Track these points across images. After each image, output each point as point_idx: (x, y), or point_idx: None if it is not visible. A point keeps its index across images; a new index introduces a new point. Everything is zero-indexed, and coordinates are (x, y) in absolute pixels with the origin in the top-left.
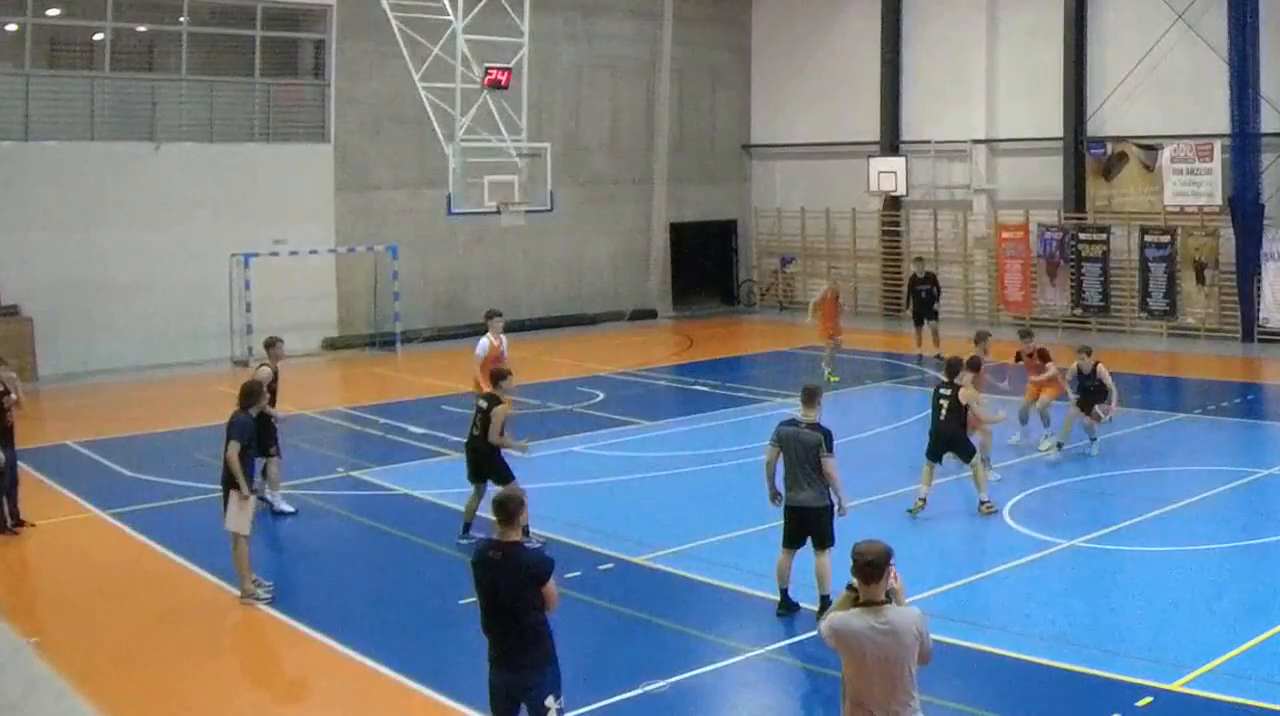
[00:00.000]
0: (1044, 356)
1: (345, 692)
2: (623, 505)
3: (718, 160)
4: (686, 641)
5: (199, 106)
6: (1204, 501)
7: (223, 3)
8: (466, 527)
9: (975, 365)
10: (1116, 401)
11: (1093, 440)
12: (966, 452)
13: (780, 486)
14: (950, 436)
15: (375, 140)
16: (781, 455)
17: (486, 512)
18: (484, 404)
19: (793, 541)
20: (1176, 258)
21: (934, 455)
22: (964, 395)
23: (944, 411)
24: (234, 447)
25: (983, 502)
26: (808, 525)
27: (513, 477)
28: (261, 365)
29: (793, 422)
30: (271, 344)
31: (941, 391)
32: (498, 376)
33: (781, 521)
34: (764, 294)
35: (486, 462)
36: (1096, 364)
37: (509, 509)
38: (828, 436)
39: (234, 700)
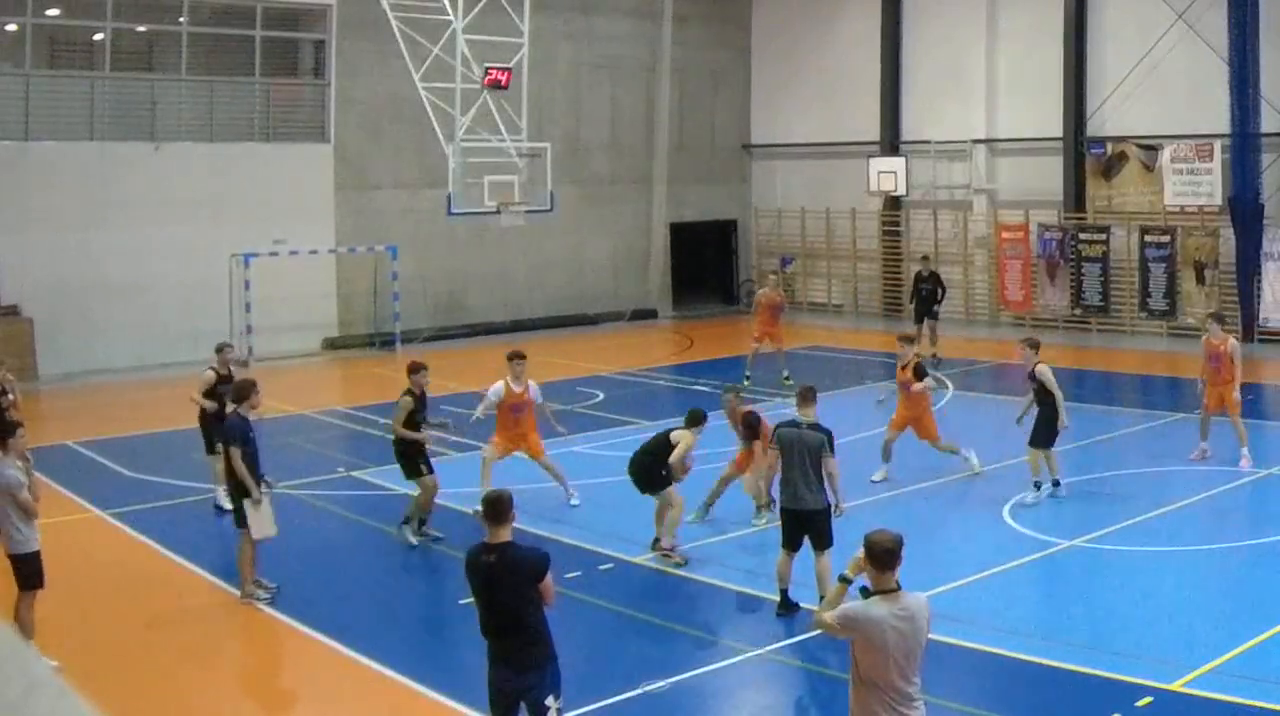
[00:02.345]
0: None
1: (345, 692)
2: (622, 505)
3: (718, 160)
4: (686, 641)
5: (199, 106)
6: (1204, 501)
7: (223, 3)
8: (421, 520)
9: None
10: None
11: (1055, 483)
12: (659, 486)
13: (775, 490)
14: (640, 472)
15: (375, 140)
16: (781, 458)
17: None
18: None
19: (793, 543)
20: (1176, 258)
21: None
22: (675, 436)
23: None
24: (234, 453)
25: (664, 549)
26: (807, 527)
27: (423, 473)
28: (207, 368)
29: (793, 424)
30: (220, 349)
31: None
32: (412, 368)
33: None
34: None
35: (399, 459)
36: (1037, 365)
37: (498, 509)
38: (829, 436)
39: (234, 700)
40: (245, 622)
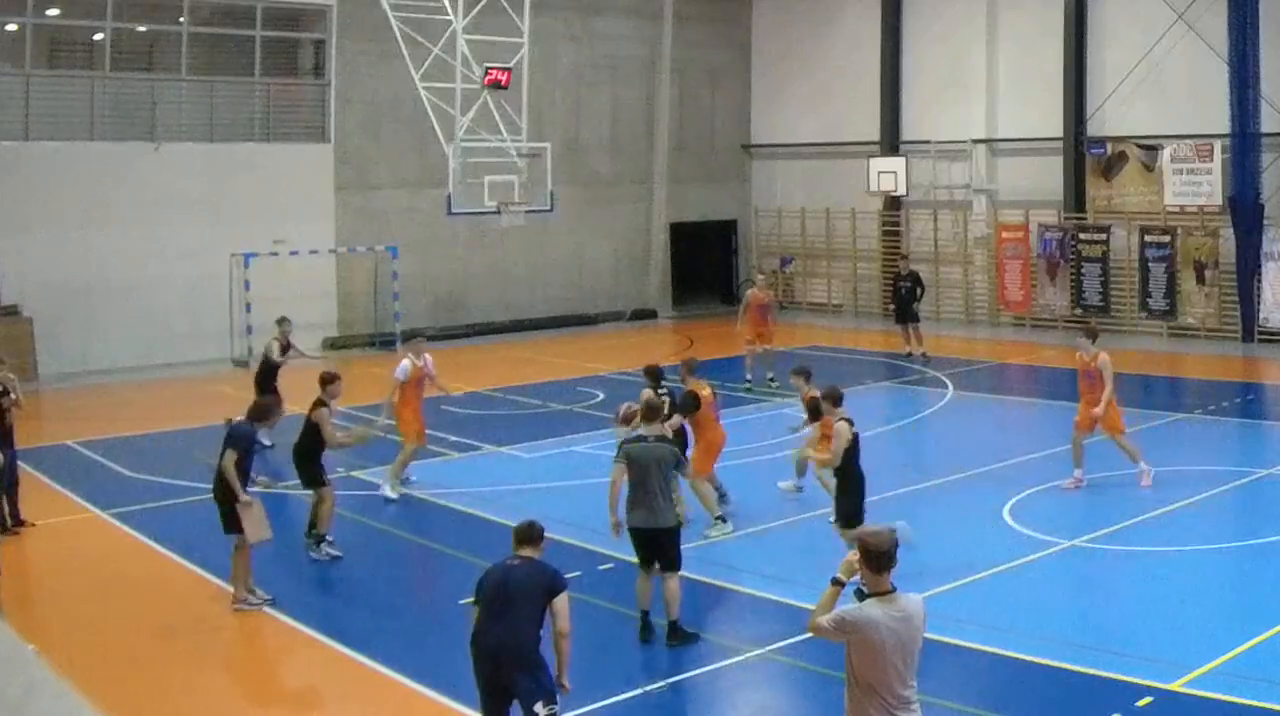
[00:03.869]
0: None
1: (344, 692)
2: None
3: (718, 160)
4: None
5: (199, 106)
6: (1204, 501)
7: (223, 3)
8: (319, 537)
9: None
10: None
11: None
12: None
13: (622, 511)
14: None
15: (375, 140)
16: (632, 474)
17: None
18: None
19: (649, 563)
20: (1176, 258)
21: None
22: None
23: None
24: (230, 457)
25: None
26: (657, 546)
27: (324, 483)
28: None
29: (639, 439)
30: (280, 322)
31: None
32: (325, 379)
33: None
34: None
35: (302, 466)
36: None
37: (530, 534)
38: (681, 449)
39: (232, 700)
40: (245, 622)
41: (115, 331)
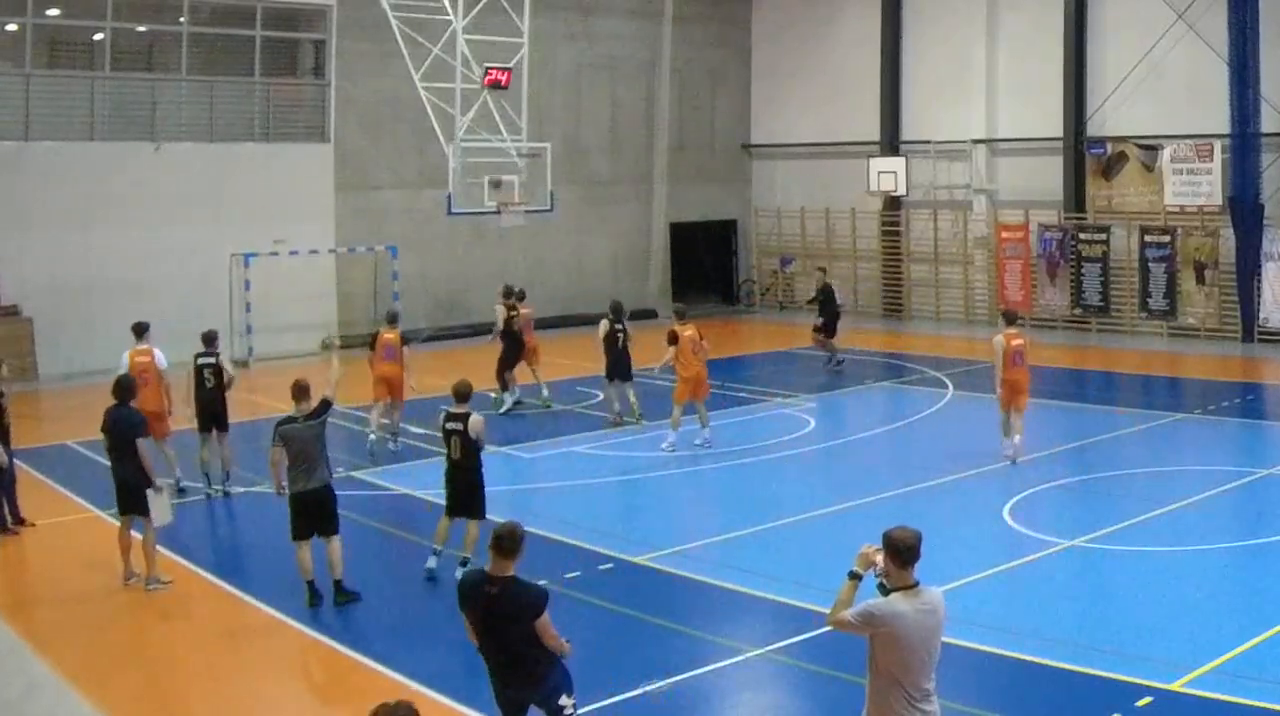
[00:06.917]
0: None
1: (344, 692)
2: (623, 505)
3: (718, 160)
4: (686, 641)
5: (199, 106)
6: (1204, 501)
7: (223, 3)
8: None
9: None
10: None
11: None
12: (478, 510)
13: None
14: (468, 484)
15: (375, 140)
16: (287, 452)
17: None
18: None
19: (309, 533)
20: (1176, 258)
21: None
22: (473, 425)
23: (457, 449)
24: (141, 444)
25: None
26: (318, 504)
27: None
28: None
29: (290, 420)
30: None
31: (449, 425)
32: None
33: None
34: (764, 294)
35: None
36: None
37: (507, 546)
38: (320, 421)
39: (232, 699)
40: (244, 622)
41: (115, 331)
